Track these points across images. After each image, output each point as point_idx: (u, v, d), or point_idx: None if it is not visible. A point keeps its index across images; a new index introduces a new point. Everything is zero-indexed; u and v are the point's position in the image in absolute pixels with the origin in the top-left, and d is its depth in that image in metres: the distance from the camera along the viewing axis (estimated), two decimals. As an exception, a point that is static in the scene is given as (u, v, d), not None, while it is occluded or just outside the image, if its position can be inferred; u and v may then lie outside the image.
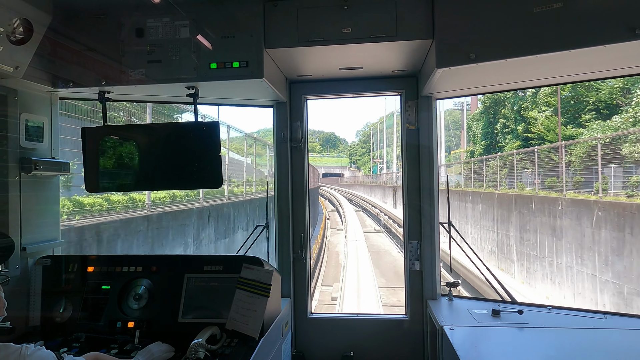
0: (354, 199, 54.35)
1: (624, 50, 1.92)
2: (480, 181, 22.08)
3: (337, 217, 37.30)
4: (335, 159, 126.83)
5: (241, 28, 2.27)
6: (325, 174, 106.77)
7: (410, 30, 2.22)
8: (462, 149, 41.73)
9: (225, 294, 2.22)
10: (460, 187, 24.44)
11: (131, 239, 7.02)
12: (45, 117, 2.51)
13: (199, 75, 2.28)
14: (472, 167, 23.97)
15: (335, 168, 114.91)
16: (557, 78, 2.46)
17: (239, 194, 13.79)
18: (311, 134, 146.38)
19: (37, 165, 2.37)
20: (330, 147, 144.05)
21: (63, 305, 2.35)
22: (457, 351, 1.95)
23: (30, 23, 2.13)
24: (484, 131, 29.81)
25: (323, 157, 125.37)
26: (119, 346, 2.10)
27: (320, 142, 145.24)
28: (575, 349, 2.06)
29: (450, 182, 21.00)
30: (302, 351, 2.99)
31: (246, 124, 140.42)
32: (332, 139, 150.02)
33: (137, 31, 2.31)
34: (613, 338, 2.18)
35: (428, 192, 2.86)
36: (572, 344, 2.10)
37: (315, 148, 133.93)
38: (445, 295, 2.87)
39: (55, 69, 2.39)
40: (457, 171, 27.84)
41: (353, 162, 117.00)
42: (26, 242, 2.38)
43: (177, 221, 8.62)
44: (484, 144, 29.49)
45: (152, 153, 2.53)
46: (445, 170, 29.78)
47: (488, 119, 29.30)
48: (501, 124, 27.39)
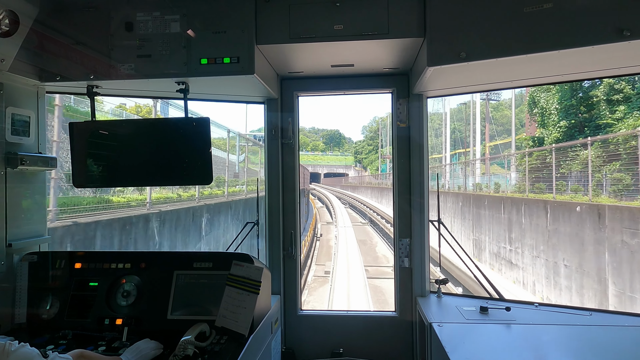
0: (359, 205, 41.70)
1: (611, 51, 1.95)
2: (545, 182, 14.13)
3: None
4: (339, 157, 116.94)
5: (232, 23, 2.25)
6: (327, 174, 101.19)
7: (402, 28, 2.23)
8: (487, 142, 38.70)
9: (215, 291, 2.21)
10: (510, 191, 17.20)
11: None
12: (31, 111, 2.47)
13: (189, 71, 2.26)
14: (538, 162, 15.53)
15: (339, 167, 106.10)
16: (547, 78, 2.48)
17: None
18: (315, 132, 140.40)
19: (23, 160, 2.33)
20: (334, 145, 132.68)
21: (50, 302, 2.33)
22: (445, 347, 1.97)
23: (16, 15, 2.09)
24: (564, 105, 19.72)
25: (326, 155, 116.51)
26: (107, 343, 2.07)
27: (324, 140, 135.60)
28: (562, 345, 2.09)
29: (487, 183, 18.77)
30: (292, 348, 2.99)
31: (235, 122, 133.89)
32: (336, 137, 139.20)
33: (126, 25, 2.28)
34: (598, 334, 2.22)
35: (418, 189, 2.88)
36: (558, 340, 2.14)
37: (318, 146, 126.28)
38: (434, 293, 2.89)
39: (42, 62, 2.35)
40: (496, 170, 22.08)
41: (358, 160, 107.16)
42: (12, 238, 2.34)
43: (104, 230, 7.18)
44: (563, 125, 19.50)
45: (142, 149, 2.51)
46: (452, 168, 28.62)
47: (572, 87, 19.38)
48: (605, 88, 17.71)
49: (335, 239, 22.41)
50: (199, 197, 11.02)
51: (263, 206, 3.08)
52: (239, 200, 13.38)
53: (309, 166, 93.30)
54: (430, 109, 36.60)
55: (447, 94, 2.94)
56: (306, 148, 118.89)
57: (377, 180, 54.68)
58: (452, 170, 28.57)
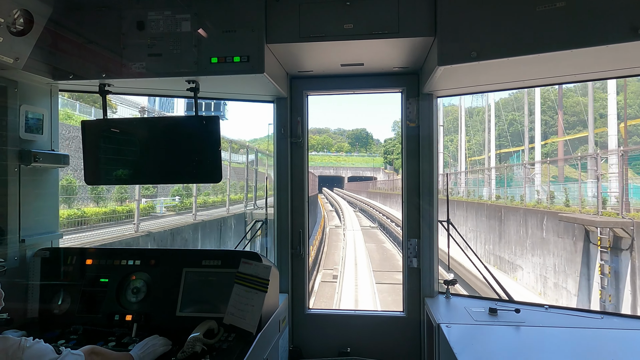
0: (392, 226, 25.72)
1: (626, 50, 1.92)
2: None
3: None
4: (366, 158, 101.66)
5: (243, 22, 2.26)
6: (352, 177, 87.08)
7: (412, 27, 2.22)
8: (560, 136, 33.40)
9: (223, 289, 2.22)
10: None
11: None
12: (45, 109, 2.50)
13: (200, 70, 2.27)
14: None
15: (365, 170, 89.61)
16: (559, 77, 2.45)
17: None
18: (340, 133, 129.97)
19: (36, 157, 2.36)
20: (361, 145, 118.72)
21: (61, 297, 2.36)
22: (454, 349, 1.95)
23: (30, 14, 2.12)
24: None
25: (350, 157, 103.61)
26: (117, 339, 2.10)
27: (349, 140, 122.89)
28: (572, 348, 2.06)
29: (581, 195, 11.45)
30: (299, 346, 3.00)
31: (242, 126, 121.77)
32: (362, 136, 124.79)
33: (138, 24, 2.30)
34: (609, 338, 2.19)
35: (428, 190, 2.86)
36: (569, 343, 2.11)
37: (343, 147, 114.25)
38: (442, 293, 2.87)
39: (56, 61, 2.38)
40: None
41: (389, 162, 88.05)
42: (25, 233, 2.38)
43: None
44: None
45: (152, 146, 2.53)
46: (464, 169, 24.17)
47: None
48: None
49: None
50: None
51: (272, 205, 3.09)
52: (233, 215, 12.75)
53: (331, 168, 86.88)
54: (469, 104, 30.18)
55: (457, 94, 2.93)
56: (330, 149, 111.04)
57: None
58: (508, 175, 22.14)
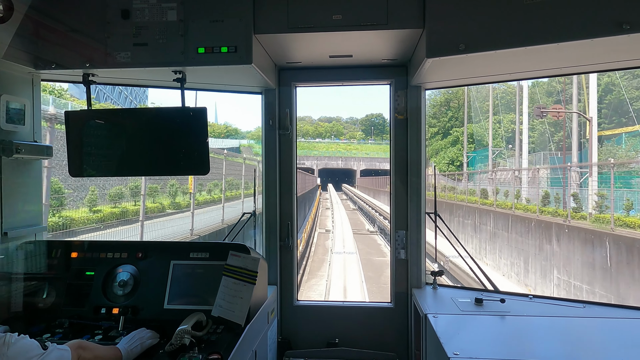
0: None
1: (611, 44, 1.94)
2: None
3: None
4: (383, 146, 75.09)
5: (230, 12, 2.22)
6: (365, 171, 67.52)
7: (401, 19, 2.21)
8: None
9: (212, 281, 2.21)
10: None
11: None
12: (26, 99, 2.44)
13: (186, 60, 2.24)
14: None
15: (382, 161, 64.35)
16: (547, 70, 2.47)
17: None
18: (352, 122, 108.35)
19: (18, 149, 2.30)
20: (377, 132, 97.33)
21: (46, 291, 2.33)
22: (441, 338, 1.98)
23: (10, 1, 2.05)
24: None
25: (363, 144, 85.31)
26: (104, 332, 2.08)
27: (363, 127, 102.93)
28: (555, 336, 2.11)
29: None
30: (288, 338, 3.01)
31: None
32: (378, 123, 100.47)
33: (122, 13, 2.25)
34: (591, 326, 2.25)
35: (415, 181, 2.88)
36: (552, 331, 2.16)
37: (355, 136, 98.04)
38: (430, 284, 2.91)
39: (37, 50, 2.32)
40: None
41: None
42: (8, 226, 2.33)
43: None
44: None
45: (138, 138, 2.49)
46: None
47: None
48: None
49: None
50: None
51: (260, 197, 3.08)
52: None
53: (339, 159, 70.87)
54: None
55: (446, 86, 2.94)
56: (340, 137, 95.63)
57: (461, 185, 27.80)
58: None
